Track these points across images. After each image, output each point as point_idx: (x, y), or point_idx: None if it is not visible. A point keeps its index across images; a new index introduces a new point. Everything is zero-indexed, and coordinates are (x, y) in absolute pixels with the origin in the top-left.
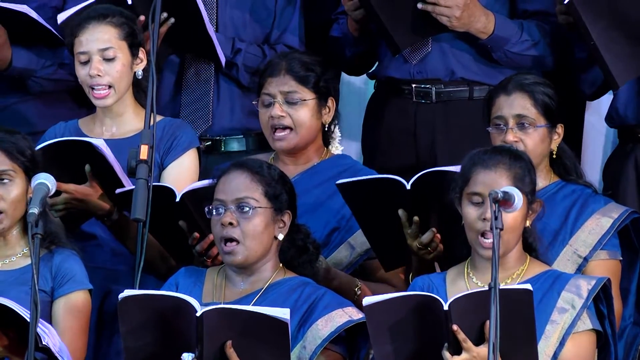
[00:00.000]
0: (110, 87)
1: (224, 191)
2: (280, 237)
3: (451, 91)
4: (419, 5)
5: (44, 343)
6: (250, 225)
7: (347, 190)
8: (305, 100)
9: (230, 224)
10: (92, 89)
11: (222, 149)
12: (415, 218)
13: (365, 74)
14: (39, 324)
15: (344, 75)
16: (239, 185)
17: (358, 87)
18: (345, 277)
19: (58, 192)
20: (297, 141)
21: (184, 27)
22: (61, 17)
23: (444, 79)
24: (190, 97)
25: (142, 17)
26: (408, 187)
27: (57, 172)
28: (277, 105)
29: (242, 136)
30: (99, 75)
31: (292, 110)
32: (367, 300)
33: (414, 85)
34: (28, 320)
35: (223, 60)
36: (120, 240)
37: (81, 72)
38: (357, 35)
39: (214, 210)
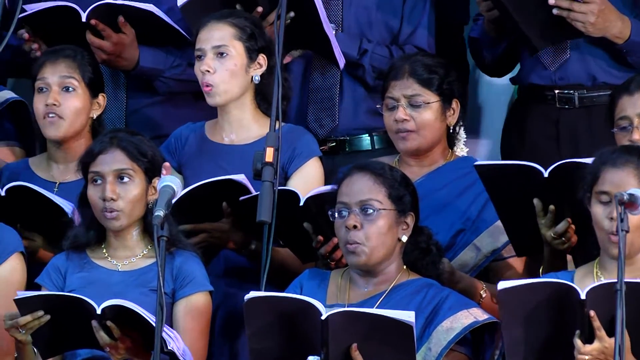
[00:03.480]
0: (217, 85)
1: (347, 194)
2: (404, 239)
3: (594, 96)
4: (554, 11)
5: (169, 348)
6: (374, 227)
7: (484, 173)
8: (428, 103)
9: (355, 226)
10: (205, 85)
11: (348, 149)
12: (551, 207)
13: (508, 79)
14: (164, 329)
15: (485, 76)
16: (362, 188)
17: (499, 88)
18: (470, 280)
19: (193, 233)
20: (421, 142)
21: (303, 24)
22: (180, 0)
23: (586, 84)
24: (317, 98)
25: (259, 8)
26: (545, 174)
27: (194, 216)
28: (401, 109)
29: (367, 135)
30: (208, 71)
31: (416, 113)
32: (503, 285)
33: (556, 92)
34: (152, 323)
35: (341, 62)
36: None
37: (196, 69)
38: (494, 35)
39: (337, 213)
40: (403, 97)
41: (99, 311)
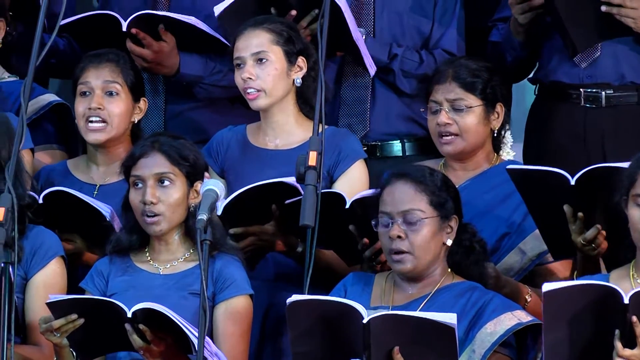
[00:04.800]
0: (261, 90)
1: (389, 203)
2: (449, 242)
3: (620, 96)
4: (603, 8)
5: None
6: (418, 236)
7: (516, 177)
8: (471, 107)
9: (399, 237)
10: (247, 93)
11: (379, 154)
12: (580, 214)
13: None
14: (192, 331)
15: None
16: (404, 197)
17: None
18: (516, 285)
19: (242, 236)
20: (464, 146)
21: (334, 33)
22: (217, 9)
23: (613, 83)
24: (348, 103)
25: (293, 12)
26: (572, 182)
27: (242, 220)
28: (444, 113)
29: (398, 141)
30: (250, 78)
31: (458, 117)
32: (548, 287)
33: (582, 90)
34: (182, 326)
35: (372, 70)
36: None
37: (237, 77)
38: (521, 39)
39: (381, 223)
40: (446, 101)
41: (129, 314)
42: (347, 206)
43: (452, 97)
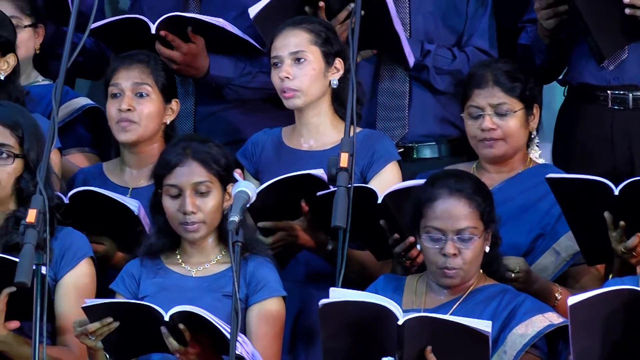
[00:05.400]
0: (298, 90)
1: (442, 219)
2: (487, 249)
3: None
4: (627, 11)
5: (237, 352)
6: (471, 253)
7: (555, 185)
8: (515, 111)
9: (454, 254)
10: (283, 92)
11: (415, 156)
12: (621, 223)
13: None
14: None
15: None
16: (459, 215)
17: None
18: (546, 282)
19: (271, 231)
20: (507, 150)
21: (372, 23)
22: (252, 11)
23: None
24: (386, 105)
25: (321, 3)
26: (616, 192)
27: (271, 216)
28: (487, 118)
29: (434, 143)
30: (287, 77)
31: (502, 121)
32: (573, 300)
33: (609, 92)
34: (220, 328)
35: (411, 60)
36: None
37: (274, 77)
38: (548, 42)
39: (430, 237)
40: (489, 106)
41: (166, 318)
42: (379, 201)
43: (495, 101)
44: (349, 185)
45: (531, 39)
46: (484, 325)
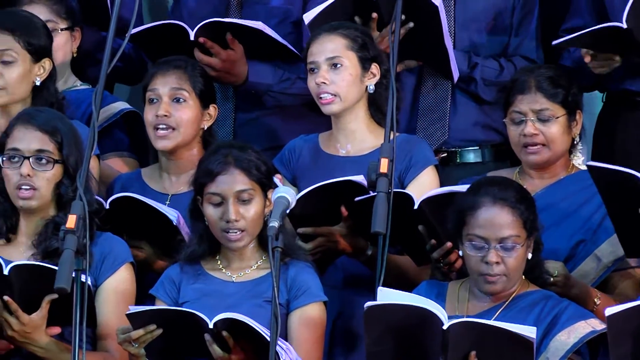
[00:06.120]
0: (335, 95)
1: (486, 227)
2: (529, 256)
3: None
4: None
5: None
6: (514, 261)
7: (597, 175)
8: (557, 117)
9: (497, 262)
10: (320, 97)
11: (458, 160)
12: None
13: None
14: (277, 341)
15: None
16: (502, 223)
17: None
18: (585, 286)
19: (310, 237)
20: (550, 156)
21: (421, 35)
22: (307, 18)
23: None
24: (428, 110)
25: (374, 14)
26: None
27: (311, 223)
28: (530, 124)
29: (477, 148)
30: (324, 83)
31: (544, 127)
32: (611, 311)
33: None
34: (264, 335)
35: (456, 75)
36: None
37: (311, 82)
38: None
39: (473, 245)
40: (531, 112)
41: (211, 325)
42: (416, 207)
43: (537, 107)
44: (389, 191)
45: (574, 62)
46: (529, 331)
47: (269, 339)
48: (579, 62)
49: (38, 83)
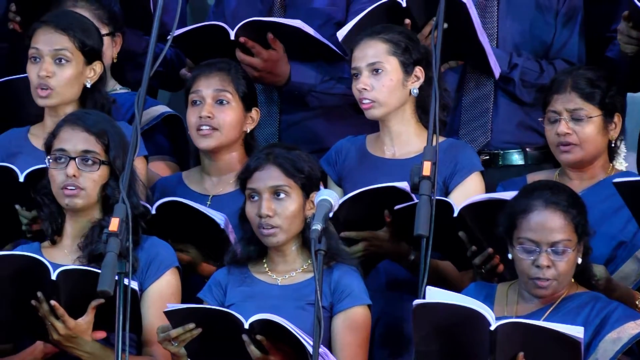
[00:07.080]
0: (374, 101)
1: (537, 231)
2: (579, 261)
3: None
4: None
5: None
6: (564, 265)
7: (623, 190)
8: (591, 117)
9: (548, 266)
10: (362, 103)
11: (500, 163)
12: None
13: None
14: (309, 342)
15: None
16: (554, 227)
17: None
18: (626, 289)
19: (354, 241)
20: (583, 156)
21: (457, 35)
22: (340, 35)
23: None
24: (470, 112)
25: (407, 21)
26: None
27: (355, 226)
28: (563, 123)
29: (520, 150)
30: (365, 89)
31: (578, 127)
32: None
33: None
34: (299, 337)
35: (497, 72)
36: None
37: (353, 88)
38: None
39: (523, 248)
40: (565, 111)
41: (246, 325)
42: (455, 215)
43: (571, 107)
44: (432, 194)
45: (617, 53)
46: (577, 332)
47: (302, 340)
48: (620, 54)
49: (89, 85)
